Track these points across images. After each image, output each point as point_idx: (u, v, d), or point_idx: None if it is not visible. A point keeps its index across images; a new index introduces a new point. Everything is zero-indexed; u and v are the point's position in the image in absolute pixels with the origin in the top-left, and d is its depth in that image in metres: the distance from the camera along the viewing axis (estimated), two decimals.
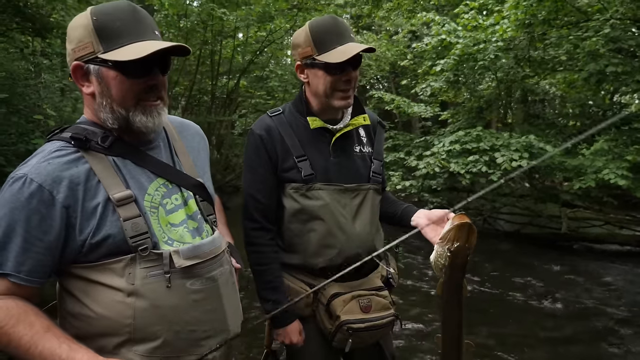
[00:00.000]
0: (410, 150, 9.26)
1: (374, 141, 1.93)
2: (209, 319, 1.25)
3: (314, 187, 1.74)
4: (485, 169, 6.96)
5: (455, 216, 1.28)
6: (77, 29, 1.15)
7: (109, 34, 1.11)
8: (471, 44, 7.70)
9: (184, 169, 1.32)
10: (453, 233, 1.22)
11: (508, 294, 5.92)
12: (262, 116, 1.85)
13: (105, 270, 1.15)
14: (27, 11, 5.57)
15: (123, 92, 1.15)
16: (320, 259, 1.76)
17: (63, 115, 5.40)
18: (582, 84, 8.23)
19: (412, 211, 1.77)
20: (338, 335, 1.73)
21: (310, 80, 1.76)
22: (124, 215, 1.14)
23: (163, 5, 9.40)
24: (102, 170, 1.16)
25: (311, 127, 1.78)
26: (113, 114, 1.17)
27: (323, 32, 1.67)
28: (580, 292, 6.00)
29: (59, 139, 1.19)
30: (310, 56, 1.69)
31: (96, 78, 1.15)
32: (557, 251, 7.96)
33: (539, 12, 7.22)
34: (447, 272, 1.23)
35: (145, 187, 1.22)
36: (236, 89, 12.42)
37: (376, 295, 1.79)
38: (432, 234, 1.51)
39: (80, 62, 1.15)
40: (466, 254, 1.23)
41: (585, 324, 5.01)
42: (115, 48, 1.11)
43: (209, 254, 1.26)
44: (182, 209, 1.28)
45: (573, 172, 7.00)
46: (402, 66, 12.46)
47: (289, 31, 10.98)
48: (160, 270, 1.17)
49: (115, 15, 1.13)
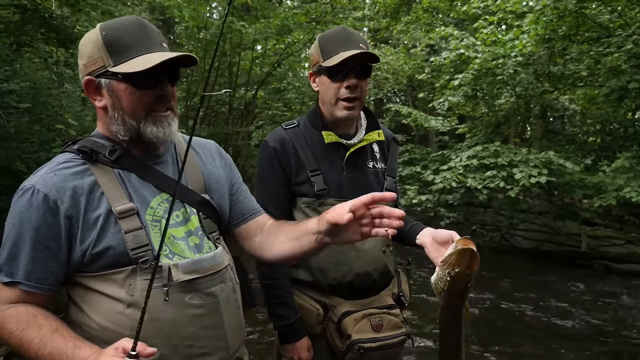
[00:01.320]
0: (426, 164, 9.20)
1: (388, 157, 1.91)
2: (208, 335, 1.24)
3: (326, 203, 1.73)
4: (502, 185, 6.88)
5: (459, 240, 1.23)
6: (87, 45, 1.18)
7: (118, 47, 1.15)
8: (490, 59, 7.66)
9: (190, 185, 1.33)
10: (455, 258, 1.18)
11: (524, 313, 5.81)
12: (277, 128, 1.85)
13: (107, 280, 1.17)
14: (52, 22, 5.69)
15: (134, 104, 1.18)
16: (330, 276, 1.75)
17: (84, 124, 5.49)
18: (603, 100, 8.11)
19: (419, 229, 1.71)
20: (349, 354, 1.71)
21: (319, 89, 1.78)
22: (125, 228, 1.17)
23: (183, 18, 9.54)
24: (107, 183, 1.19)
25: (325, 141, 1.77)
26: (125, 125, 1.20)
27: (330, 40, 1.70)
28: (599, 313, 5.85)
29: (69, 151, 1.23)
30: (318, 63, 1.71)
31: (107, 91, 1.19)
32: (576, 270, 7.80)
33: (559, 27, 7.17)
34: (445, 297, 1.20)
35: (148, 201, 1.23)
36: (254, 101, 12.52)
37: (387, 314, 1.77)
38: (435, 254, 1.46)
39: (91, 77, 1.18)
40: (467, 280, 1.18)
41: (604, 346, 4.88)
42: (124, 61, 1.14)
43: (209, 270, 1.25)
44: (183, 226, 1.28)
45: (593, 189, 6.88)
46: (420, 79, 12.44)
47: (307, 44, 11.06)
48: (159, 282, 1.17)
49: (124, 29, 1.17)
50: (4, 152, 4.48)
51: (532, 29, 7.26)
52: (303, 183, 1.74)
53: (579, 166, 7.06)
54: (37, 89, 4.84)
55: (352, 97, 1.70)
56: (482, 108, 10.04)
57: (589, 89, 8.76)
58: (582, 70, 7.88)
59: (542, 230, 9.22)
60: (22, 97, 4.11)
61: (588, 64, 7.50)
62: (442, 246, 1.47)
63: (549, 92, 8.94)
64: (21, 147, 4.73)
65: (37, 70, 5.87)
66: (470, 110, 10.47)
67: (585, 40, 7.73)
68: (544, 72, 8.23)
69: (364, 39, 1.74)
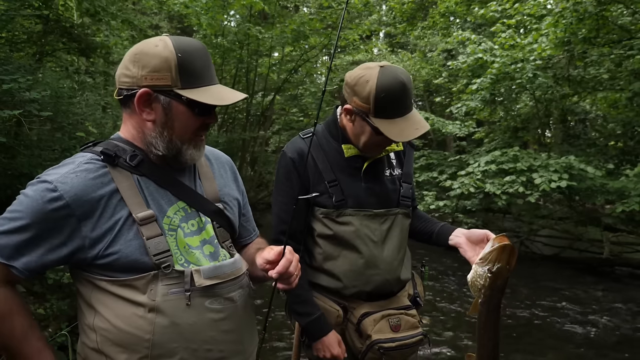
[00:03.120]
0: (443, 170, 9.12)
1: (404, 162, 1.91)
2: (226, 339, 1.26)
3: (344, 213, 1.74)
4: (522, 190, 6.78)
5: (496, 237, 1.29)
6: (154, 58, 1.17)
7: (190, 73, 1.18)
8: (508, 63, 7.58)
9: (205, 194, 1.35)
10: (495, 254, 1.23)
11: (546, 320, 5.70)
12: (295, 138, 1.84)
13: (128, 285, 1.18)
14: (74, 32, 5.81)
15: (186, 127, 1.22)
16: (349, 284, 1.77)
17: (104, 132, 5.57)
18: (625, 103, 7.96)
19: (450, 230, 1.76)
20: (369, 354, 1.73)
21: (355, 126, 1.70)
22: (147, 234, 1.17)
23: (201, 26, 9.67)
24: (127, 189, 1.19)
25: (346, 155, 1.77)
26: (170, 144, 1.23)
27: (387, 99, 1.57)
28: (623, 320, 5.72)
29: (90, 151, 1.24)
30: (366, 112, 1.61)
31: (163, 109, 1.20)
32: (598, 276, 7.64)
33: (579, 30, 7.06)
34: (486, 293, 1.23)
35: (165, 209, 1.25)
36: (271, 107, 12.59)
37: (405, 314, 1.80)
38: (471, 253, 1.52)
39: (150, 90, 1.18)
40: (507, 275, 1.24)
41: (628, 354, 4.76)
42: (193, 87, 1.18)
43: (230, 275, 1.28)
44: (198, 235, 1.30)
45: (616, 194, 6.74)
46: (437, 84, 12.38)
47: (322, 50, 11.10)
48: (181, 288, 1.19)
49: (196, 56, 1.20)
50: (27, 160, 4.57)
51: (551, 32, 7.17)
52: (322, 194, 1.74)
53: (601, 171, 6.93)
54: (58, 97, 4.94)
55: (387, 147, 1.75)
56: (499, 112, 9.92)
57: (610, 93, 8.60)
58: (603, 73, 7.75)
59: (563, 237, 9.06)
60: (43, 106, 4.19)
61: (609, 67, 7.38)
62: (476, 245, 1.53)
63: (569, 96, 8.80)
64: (43, 155, 4.82)
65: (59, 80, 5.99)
66: (488, 115, 10.35)
67: (606, 42, 7.61)
68: (563, 76, 8.12)
69: (412, 91, 1.67)
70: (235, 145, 12.13)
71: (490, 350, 1.29)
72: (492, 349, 1.29)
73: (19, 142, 4.74)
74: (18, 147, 4.65)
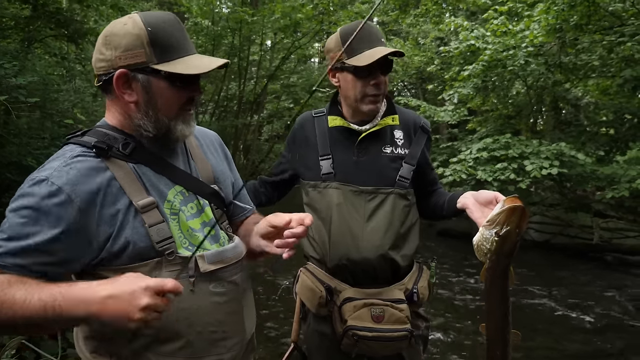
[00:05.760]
0: (434, 157, 9.14)
1: (412, 143, 1.87)
2: (229, 321, 1.29)
3: (329, 186, 1.78)
4: (513, 177, 6.81)
5: (507, 198, 1.18)
6: (125, 37, 1.14)
7: (163, 46, 1.15)
8: (500, 50, 7.57)
9: (200, 176, 1.34)
10: (504, 216, 1.13)
11: (536, 306, 5.77)
12: (307, 112, 2.00)
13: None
14: (59, 17, 5.71)
15: (170, 102, 1.19)
16: (328, 258, 1.79)
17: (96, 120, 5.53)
18: (616, 90, 7.99)
19: (459, 194, 1.66)
20: (345, 339, 1.74)
21: (341, 84, 1.80)
22: (148, 222, 1.16)
23: (192, 12, 9.58)
24: (124, 177, 1.17)
25: (329, 125, 1.84)
26: (157, 122, 1.20)
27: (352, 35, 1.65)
28: (612, 306, 5.79)
29: (79, 144, 1.20)
30: (340, 60, 1.72)
31: (143, 87, 1.17)
32: (588, 262, 7.72)
33: (570, 17, 7.05)
34: (492, 258, 1.14)
35: (165, 194, 1.24)
36: (263, 93, 12.54)
37: (392, 307, 1.75)
38: (477, 214, 1.41)
39: (127, 70, 1.15)
40: (516, 239, 1.14)
41: (617, 339, 4.83)
42: (169, 60, 1.15)
43: (232, 259, 1.30)
44: (198, 218, 1.30)
45: (606, 180, 6.79)
46: (429, 72, 12.35)
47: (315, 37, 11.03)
48: (185, 274, 1.19)
49: (168, 28, 1.17)
50: (16, 149, 4.53)
51: (543, 18, 7.15)
52: (312, 165, 1.83)
53: (591, 157, 6.97)
54: (46, 84, 4.89)
55: (378, 93, 1.75)
56: (492, 100, 9.92)
57: (601, 80, 8.62)
58: (595, 60, 7.76)
59: (554, 223, 9.13)
60: (30, 92, 4.15)
61: (600, 53, 7.38)
62: (485, 207, 1.42)
63: (560, 83, 8.81)
64: (32, 143, 4.79)
65: (48, 67, 5.92)
66: (480, 103, 10.35)
67: (597, 29, 7.60)
68: (555, 63, 8.12)
69: (381, 33, 1.76)
70: (227, 132, 12.09)
71: (499, 319, 1.20)
72: (501, 318, 1.20)
73: (8, 130, 4.70)
74: (7, 136, 4.61)
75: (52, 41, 6.55)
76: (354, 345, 1.71)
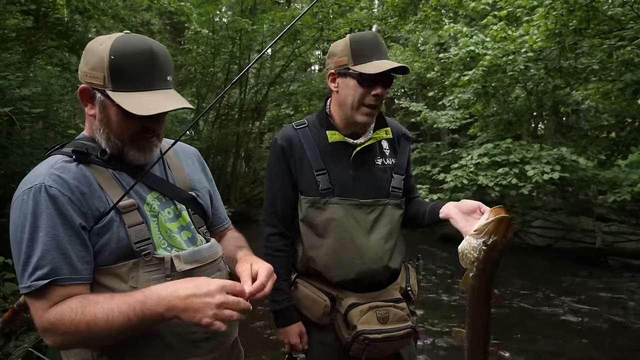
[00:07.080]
0: (436, 163, 9.15)
1: (398, 153, 1.92)
2: None
3: (330, 202, 1.77)
4: (515, 182, 6.82)
5: (493, 209, 1.23)
6: (95, 56, 1.18)
7: (121, 76, 1.15)
8: (500, 55, 7.60)
9: (176, 183, 1.38)
10: (492, 226, 1.17)
11: (539, 310, 5.75)
12: (287, 127, 1.91)
13: (110, 273, 1.19)
14: (60, 28, 5.75)
15: (121, 128, 1.20)
16: (334, 273, 1.79)
17: None
18: (617, 94, 8.01)
19: (440, 205, 1.72)
20: (355, 345, 1.74)
21: (340, 90, 1.78)
22: (128, 222, 1.20)
23: (191, 22, 9.63)
24: (104, 181, 1.21)
25: (329, 140, 1.81)
26: (109, 141, 1.22)
27: (362, 44, 1.71)
28: (615, 309, 5.78)
29: (59, 154, 1.24)
30: (345, 65, 1.73)
31: (99, 106, 1.20)
32: (591, 266, 7.71)
33: (569, 21, 7.09)
34: (480, 266, 1.18)
35: (144, 197, 1.27)
36: (264, 100, 12.58)
37: (394, 307, 1.80)
38: (462, 223, 1.46)
39: (88, 86, 1.19)
40: (503, 248, 1.19)
41: (620, 343, 4.82)
42: (122, 90, 1.15)
43: (208, 259, 1.31)
44: (175, 222, 1.33)
45: (607, 185, 6.79)
46: (430, 78, 12.39)
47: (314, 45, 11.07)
48: (162, 274, 1.21)
49: (132, 59, 1.15)
50: (19, 159, 4.55)
51: (543, 23, 7.18)
52: (308, 182, 1.80)
53: (593, 161, 6.98)
54: (49, 94, 4.91)
55: (375, 104, 1.75)
56: (492, 106, 9.94)
57: (602, 84, 8.64)
58: (594, 64, 7.78)
59: (556, 227, 9.13)
60: (34, 103, 4.17)
61: (600, 57, 7.41)
62: (468, 216, 1.48)
63: (561, 87, 8.83)
64: (35, 153, 4.80)
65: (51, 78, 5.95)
66: (481, 108, 10.37)
67: (596, 34, 7.63)
68: (555, 68, 8.14)
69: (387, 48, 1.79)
70: (229, 141, 12.12)
71: (480, 325, 1.24)
72: (482, 324, 1.24)
73: (11, 141, 4.72)
74: (11, 147, 4.63)
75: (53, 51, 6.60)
76: (364, 349, 1.73)
